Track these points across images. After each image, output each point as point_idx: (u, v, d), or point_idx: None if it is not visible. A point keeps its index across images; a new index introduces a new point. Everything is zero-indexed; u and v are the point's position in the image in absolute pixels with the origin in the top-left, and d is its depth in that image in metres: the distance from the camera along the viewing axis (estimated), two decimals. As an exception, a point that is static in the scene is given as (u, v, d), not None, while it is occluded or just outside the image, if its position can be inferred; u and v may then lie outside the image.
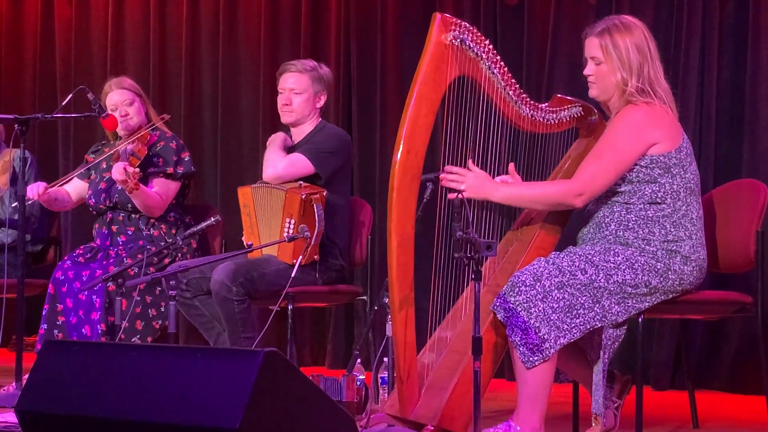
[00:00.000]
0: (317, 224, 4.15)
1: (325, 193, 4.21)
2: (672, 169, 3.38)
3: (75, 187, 4.80)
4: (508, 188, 3.42)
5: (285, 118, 4.47)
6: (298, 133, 4.48)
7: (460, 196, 3.24)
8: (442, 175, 3.35)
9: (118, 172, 4.34)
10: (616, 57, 3.38)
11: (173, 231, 4.63)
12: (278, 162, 4.34)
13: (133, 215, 4.62)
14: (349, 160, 4.57)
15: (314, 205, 4.14)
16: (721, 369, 4.89)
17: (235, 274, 4.10)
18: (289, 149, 4.46)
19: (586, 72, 3.47)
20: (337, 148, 4.40)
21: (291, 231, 4.13)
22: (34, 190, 4.60)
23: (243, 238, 4.41)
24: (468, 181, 3.35)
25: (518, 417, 3.27)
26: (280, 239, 4.10)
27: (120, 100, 4.66)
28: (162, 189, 4.59)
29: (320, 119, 4.52)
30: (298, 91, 4.41)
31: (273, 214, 4.24)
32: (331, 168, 4.35)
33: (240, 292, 4.09)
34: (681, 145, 3.41)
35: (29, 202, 4.59)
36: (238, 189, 4.39)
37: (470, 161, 3.38)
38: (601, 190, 3.38)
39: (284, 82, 4.45)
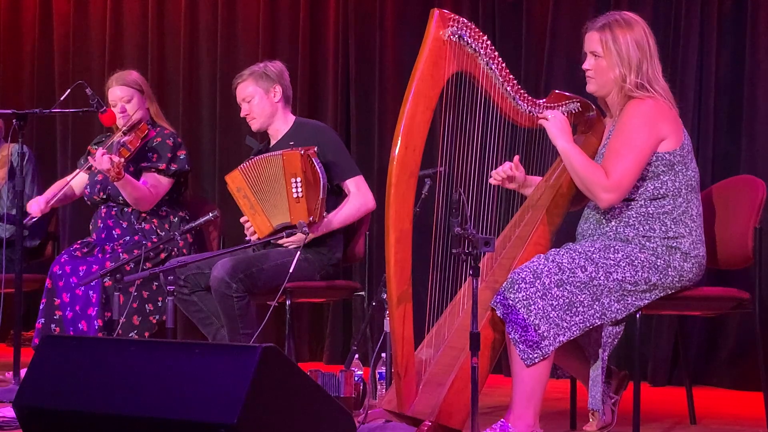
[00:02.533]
0: (321, 177, 4.17)
1: (316, 149, 4.25)
2: (675, 167, 3.38)
3: (81, 182, 4.80)
4: (571, 145, 3.41)
5: (253, 127, 4.51)
6: (275, 134, 4.50)
7: (544, 123, 3.40)
8: (547, 109, 3.42)
9: (102, 161, 4.36)
10: (616, 52, 3.38)
11: (166, 225, 4.63)
12: (346, 210, 4.37)
13: (125, 209, 4.62)
14: None
15: (313, 160, 4.17)
16: (718, 365, 4.89)
17: (235, 270, 4.10)
18: (271, 148, 4.46)
19: (585, 66, 3.47)
20: (342, 146, 4.49)
21: (300, 191, 4.14)
22: (35, 207, 4.64)
23: (242, 220, 4.39)
24: (556, 116, 3.41)
25: (513, 415, 3.27)
26: (277, 231, 4.08)
27: (119, 96, 4.66)
28: (152, 183, 4.59)
29: (294, 117, 4.52)
30: (249, 99, 4.44)
31: (274, 183, 4.23)
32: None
33: (240, 289, 4.09)
34: (683, 142, 3.41)
35: (33, 219, 4.63)
36: (226, 177, 4.39)
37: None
38: (628, 189, 3.36)
39: (237, 96, 4.50)
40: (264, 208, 4.27)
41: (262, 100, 4.44)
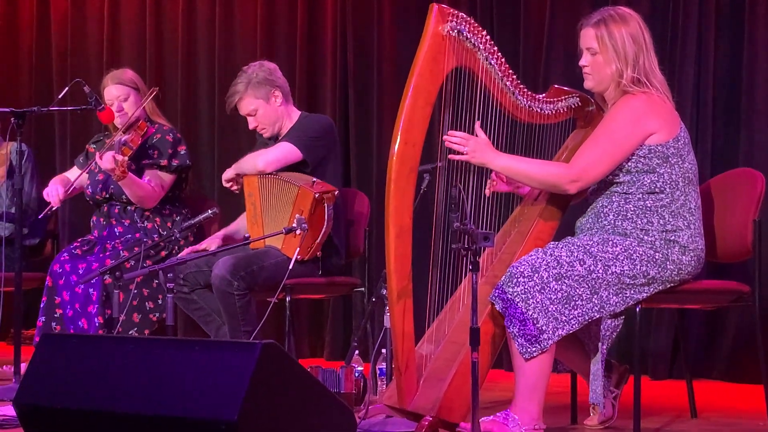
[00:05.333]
0: (325, 223, 4.13)
1: (336, 193, 4.19)
2: (670, 159, 3.38)
3: (82, 180, 4.80)
4: (509, 159, 3.40)
5: (265, 135, 4.46)
6: (283, 132, 4.48)
7: (462, 158, 3.26)
8: (445, 137, 3.34)
9: (106, 160, 4.36)
10: (612, 47, 3.38)
11: (168, 224, 4.63)
12: (267, 151, 4.33)
13: (128, 207, 4.62)
14: (336, 145, 4.49)
15: (325, 205, 4.12)
16: (718, 358, 4.89)
17: (236, 268, 4.09)
18: (281, 139, 4.44)
19: (581, 63, 3.47)
20: (322, 133, 4.37)
21: (299, 230, 4.10)
22: (54, 197, 4.57)
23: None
24: (471, 145, 3.35)
25: (516, 408, 3.27)
26: (277, 231, 4.08)
27: (115, 95, 4.66)
28: (155, 180, 4.59)
29: (299, 112, 4.50)
30: (253, 112, 4.40)
31: (281, 207, 4.21)
32: (319, 154, 4.33)
33: (241, 286, 4.09)
34: (679, 134, 3.41)
35: (54, 209, 4.60)
36: (244, 177, 4.36)
37: (477, 124, 3.37)
38: (596, 179, 3.38)
39: (240, 112, 4.44)
40: (264, 223, 4.26)
41: (265, 109, 4.40)
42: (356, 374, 3.84)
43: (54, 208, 4.63)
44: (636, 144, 3.35)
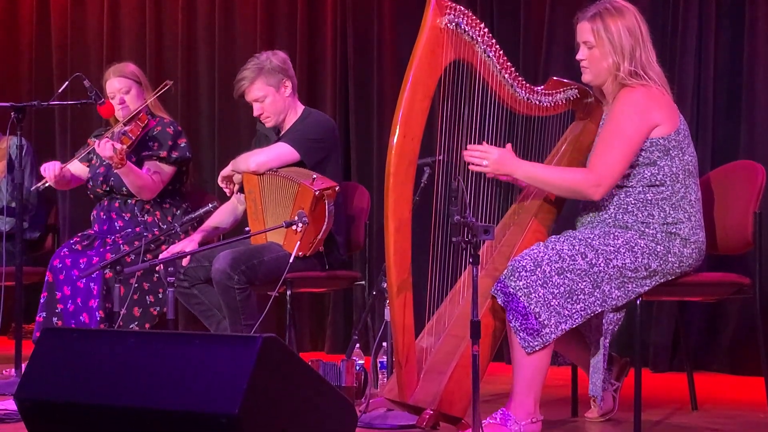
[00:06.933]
0: (326, 220, 4.12)
1: (337, 188, 4.17)
2: (671, 152, 3.38)
3: (78, 170, 4.80)
4: (531, 167, 3.41)
5: (268, 125, 4.45)
6: (285, 126, 4.47)
7: (483, 170, 3.29)
8: (464, 152, 3.34)
9: (105, 148, 4.35)
10: (608, 41, 3.37)
11: (168, 218, 4.63)
12: (261, 152, 4.32)
13: (129, 201, 4.62)
14: (336, 147, 4.48)
15: (326, 201, 4.11)
16: (719, 350, 4.90)
17: (236, 262, 4.09)
18: (281, 137, 4.44)
19: (578, 57, 3.46)
20: (322, 135, 4.36)
21: (300, 225, 4.10)
22: (50, 171, 4.55)
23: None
24: (492, 156, 3.36)
25: (513, 402, 3.27)
26: (278, 225, 4.09)
27: (117, 87, 4.66)
28: (154, 171, 4.59)
29: (303, 106, 4.49)
30: (261, 98, 4.37)
31: (282, 204, 4.21)
32: (317, 156, 4.32)
33: (241, 281, 4.09)
34: (679, 127, 3.40)
35: (46, 184, 4.59)
36: (243, 175, 4.36)
37: (484, 143, 3.37)
38: (617, 179, 3.36)
39: (247, 97, 4.41)
40: (266, 219, 4.26)
41: (274, 98, 4.38)
42: (357, 368, 3.84)
43: (47, 183, 4.59)
44: (645, 135, 3.35)
